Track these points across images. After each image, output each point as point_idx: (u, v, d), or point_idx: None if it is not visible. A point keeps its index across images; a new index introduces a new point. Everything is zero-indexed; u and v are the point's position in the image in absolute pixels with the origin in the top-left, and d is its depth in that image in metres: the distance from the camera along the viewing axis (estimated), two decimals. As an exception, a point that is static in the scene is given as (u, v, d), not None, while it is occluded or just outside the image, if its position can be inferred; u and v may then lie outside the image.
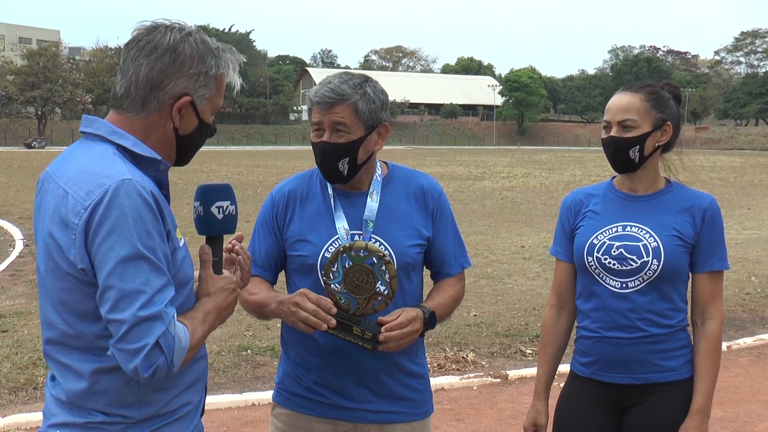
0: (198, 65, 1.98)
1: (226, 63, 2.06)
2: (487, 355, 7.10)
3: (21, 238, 13.81)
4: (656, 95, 2.76)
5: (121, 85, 1.97)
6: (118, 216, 1.78)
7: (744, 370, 6.83)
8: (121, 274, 1.77)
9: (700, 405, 2.70)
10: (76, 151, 1.96)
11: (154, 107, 1.96)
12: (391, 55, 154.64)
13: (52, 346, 1.95)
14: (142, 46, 1.96)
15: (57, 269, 1.87)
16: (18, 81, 74.96)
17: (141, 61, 1.95)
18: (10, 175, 30.79)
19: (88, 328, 1.87)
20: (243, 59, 2.14)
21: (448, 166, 42.74)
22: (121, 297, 1.76)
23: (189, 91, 1.98)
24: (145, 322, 1.76)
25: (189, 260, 2.03)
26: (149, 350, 1.76)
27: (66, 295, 1.88)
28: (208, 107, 2.04)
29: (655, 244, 2.70)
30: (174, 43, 1.96)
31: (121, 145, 1.93)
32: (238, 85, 2.12)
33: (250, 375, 6.46)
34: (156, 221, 1.84)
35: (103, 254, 1.78)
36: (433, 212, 2.67)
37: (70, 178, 1.87)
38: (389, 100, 2.63)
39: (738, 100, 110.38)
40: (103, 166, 1.85)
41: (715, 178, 33.31)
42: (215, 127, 2.12)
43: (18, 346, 6.94)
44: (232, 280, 2.08)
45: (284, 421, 2.68)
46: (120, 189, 1.79)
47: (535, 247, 13.31)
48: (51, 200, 1.89)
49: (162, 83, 1.95)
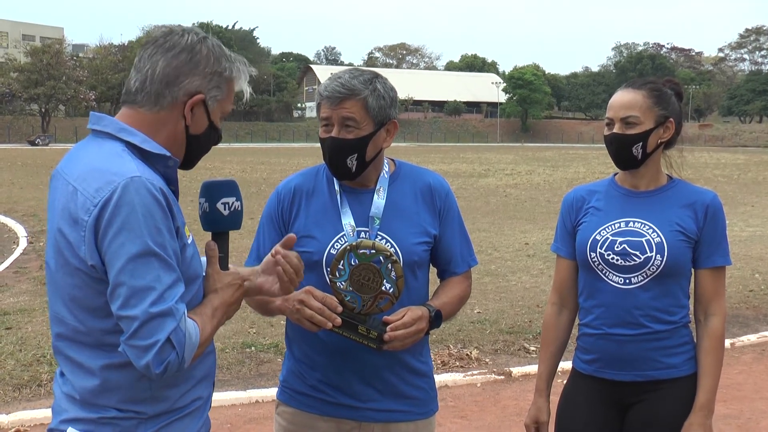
0: (213, 65, 2.02)
1: (239, 70, 2.09)
2: (490, 353, 7.11)
3: (25, 235, 13.82)
4: (658, 92, 2.76)
5: (135, 80, 2.00)
6: (128, 213, 1.79)
7: (747, 367, 6.83)
8: (131, 271, 1.78)
9: (704, 402, 2.70)
10: (85, 148, 1.98)
11: (167, 102, 1.98)
12: (395, 53, 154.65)
13: (62, 342, 1.96)
14: (159, 45, 2.00)
15: (67, 265, 1.88)
16: (21, 78, 74.93)
17: (158, 57, 1.98)
18: (14, 172, 30.82)
19: (99, 324, 1.88)
20: (254, 72, 2.17)
21: (452, 163, 42.70)
22: (132, 294, 1.77)
23: (203, 90, 2.01)
24: (156, 319, 1.77)
25: (198, 257, 2.05)
26: (161, 346, 1.77)
27: (76, 291, 1.89)
28: (218, 110, 2.07)
29: (658, 239, 2.70)
30: (192, 43, 2.00)
31: (129, 143, 1.94)
32: (247, 94, 2.15)
33: (254, 372, 6.47)
34: (165, 218, 1.85)
35: (114, 251, 1.79)
36: (440, 210, 2.67)
37: (79, 175, 1.88)
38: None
39: (742, 97, 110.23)
40: (113, 164, 1.86)
41: (718, 175, 33.25)
42: (221, 134, 2.15)
43: (22, 343, 6.95)
44: (239, 276, 2.09)
45: (288, 419, 2.68)
46: (129, 186, 1.81)
47: (539, 244, 13.30)
48: (61, 197, 1.90)
49: (177, 79, 1.98)
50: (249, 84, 2.14)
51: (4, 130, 74.60)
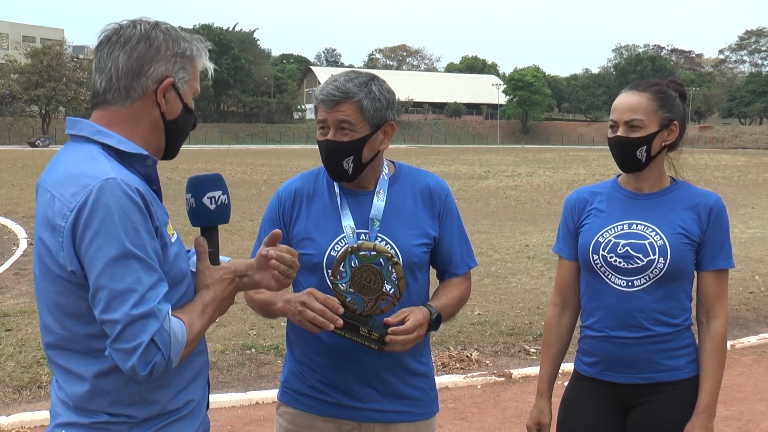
0: (173, 47, 2.01)
1: (198, 48, 2.08)
2: (491, 354, 7.10)
3: (25, 236, 13.81)
4: (663, 94, 2.74)
5: (100, 80, 1.98)
6: (104, 216, 1.78)
7: (748, 368, 6.83)
8: (111, 274, 1.77)
9: (706, 404, 2.69)
10: (63, 154, 1.97)
11: (138, 94, 1.97)
12: (396, 54, 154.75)
13: (52, 350, 1.96)
14: (114, 42, 1.98)
15: (49, 273, 1.87)
16: (22, 80, 74.96)
17: (117, 53, 1.96)
18: (14, 173, 30.83)
19: (84, 330, 1.87)
20: (210, 46, 2.16)
21: (452, 164, 42.71)
22: (113, 297, 1.76)
23: (170, 74, 2.00)
24: (139, 321, 1.76)
25: (183, 255, 2.03)
26: (145, 348, 1.76)
27: (60, 298, 1.88)
28: (189, 91, 2.06)
29: (661, 242, 2.70)
30: (146, 31, 1.99)
31: (106, 144, 1.93)
32: (211, 71, 2.14)
33: (254, 374, 6.46)
34: (143, 218, 1.83)
35: (92, 255, 1.78)
36: (440, 212, 2.67)
37: (56, 181, 1.87)
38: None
39: (742, 98, 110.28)
40: (88, 167, 1.85)
41: (719, 177, 33.26)
42: (197, 117, 2.14)
43: (22, 344, 6.94)
44: (230, 270, 2.08)
45: (289, 420, 2.68)
46: (104, 188, 1.79)
47: (539, 245, 13.30)
48: (41, 205, 1.90)
49: (142, 69, 1.96)
50: (210, 60, 2.13)
51: (5, 131, 74.64)
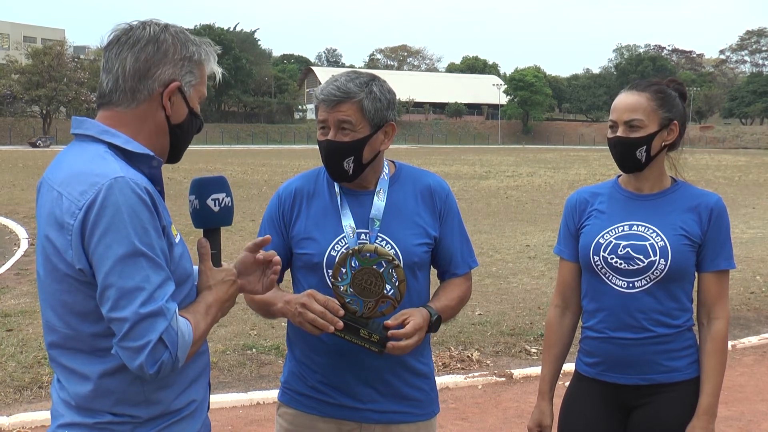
0: (181, 51, 2.00)
1: (207, 52, 2.08)
2: (491, 354, 7.10)
3: (26, 237, 13.81)
4: (663, 94, 2.74)
5: (107, 81, 1.98)
6: (113, 214, 1.78)
7: (749, 369, 6.83)
8: (120, 272, 1.76)
9: (707, 405, 2.69)
10: (69, 153, 1.97)
11: (144, 97, 1.96)
12: (396, 54, 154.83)
13: (55, 350, 1.96)
14: (123, 42, 1.97)
15: (55, 271, 1.87)
16: (23, 80, 74.92)
17: (125, 54, 1.96)
18: (15, 174, 30.85)
19: (90, 329, 1.87)
20: (219, 50, 2.16)
21: (453, 165, 42.70)
22: (122, 295, 1.76)
23: (177, 78, 1.99)
24: (147, 319, 1.76)
25: (187, 256, 2.03)
26: (153, 346, 1.76)
27: (65, 296, 1.87)
28: (195, 96, 2.06)
29: (662, 243, 2.69)
30: (155, 33, 1.98)
31: (112, 144, 1.93)
32: (219, 75, 2.14)
33: (255, 374, 6.46)
34: (152, 217, 1.83)
35: (101, 253, 1.78)
36: (441, 212, 2.67)
37: (63, 180, 1.87)
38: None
39: (743, 99, 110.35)
40: (96, 166, 1.85)
41: (719, 177, 33.24)
42: (203, 121, 2.13)
43: (23, 345, 6.94)
44: (232, 272, 2.08)
45: (289, 420, 2.68)
46: (113, 187, 1.79)
47: (540, 246, 13.29)
48: (46, 203, 1.89)
49: (149, 71, 1.96)
50: (219, 64, 2.13)
51: (5, 131, 74.64)
